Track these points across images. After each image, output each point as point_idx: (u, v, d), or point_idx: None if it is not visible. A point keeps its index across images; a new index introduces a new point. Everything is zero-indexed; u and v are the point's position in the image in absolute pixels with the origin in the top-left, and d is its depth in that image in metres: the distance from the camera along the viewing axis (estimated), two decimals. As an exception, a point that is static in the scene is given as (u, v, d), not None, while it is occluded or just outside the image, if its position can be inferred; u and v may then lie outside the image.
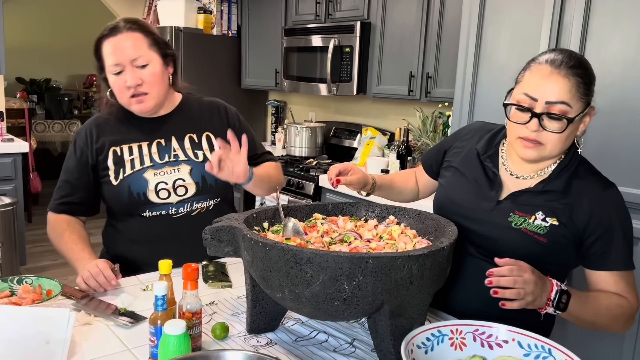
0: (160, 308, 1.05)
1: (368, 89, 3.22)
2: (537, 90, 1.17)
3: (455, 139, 1.47)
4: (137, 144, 1.60)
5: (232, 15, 4.23)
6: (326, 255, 0.99)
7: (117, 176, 1.57)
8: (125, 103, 1.56)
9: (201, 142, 1.65)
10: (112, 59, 1.51)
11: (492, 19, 2.26)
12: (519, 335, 1.05)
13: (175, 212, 1.60)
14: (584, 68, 1.19)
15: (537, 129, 1.18)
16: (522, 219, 1.25)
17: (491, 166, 1.33)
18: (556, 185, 1.25)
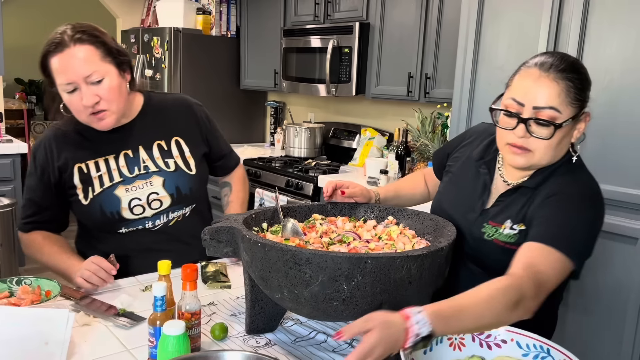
0: (160, 309, 1.05)
1: (367, 89, 3.22)
2: (524, 95, 1.12)
3: (459, 143, 1.42)
4: (104, 159, 1.51)
5: (231, 16, 4.23)
6: (325, 256, 0.99)
7: (86, 195, 1.49)
8: (84, 121, 1.45)
9: (170, 149, 1.57)
10: (63, 78, 1.37)
11: (491, 19, 2.27)
12: (518, 335, 1.05)
13: (153, 226, 1.55)
14: (576, 72, 1.13)
15: (524, 135, 1.13)
16: (493, 229, 1.21)
17: (486, 172, 1.29)
18: (530, 182, 1.19)
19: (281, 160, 3.59)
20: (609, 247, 1.99)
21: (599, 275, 2.03)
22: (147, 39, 4.12)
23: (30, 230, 1.56)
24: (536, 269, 1.04)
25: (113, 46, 1.44)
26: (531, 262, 1.05)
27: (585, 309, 2.08)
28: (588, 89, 1.15)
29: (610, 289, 2.00)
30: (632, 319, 1.95)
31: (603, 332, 2.04)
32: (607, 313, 2.02)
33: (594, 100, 1.86)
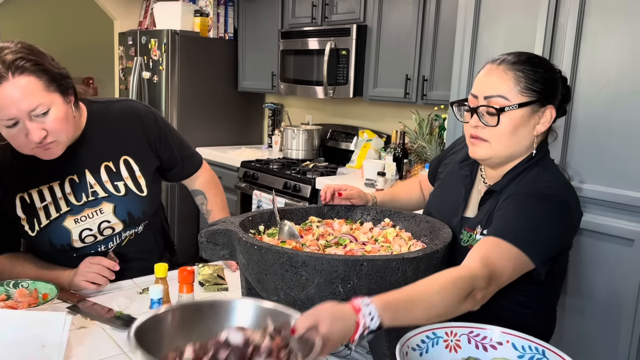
0: (156, 311, 1.05)
1: (364, 91, 3.23)
2: (477, 87, 1.16)
3: (450, 150, 1.45)
4: (48, 186, 1.38)
5: (228, 18, 4.24)
6: (321, 258, 1.00)
7: (32, 227, 1.39)
8: (28, 153, 1.29)
9: (119, 170, 1.46)
10: (3, 113, 1.20)
11: (487, 22, 2.27)
12: (513, 337, 1.06)
13: (105, 248, 1.48)
14: (529, 64, 1.14)
15: (477, 124, 1.15)
16: (468, 235, 1.21)
17: (467, 175, 1.29)
18: (497, 186, 1.20)
19: (279, 162, 3.59)
20: (606, 249, 2.00)
21: (596, 277, 2.03)
22: (144, 41, 4.13)
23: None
24: (490, 262, 1.03)
25: (55, 71, 1.28)
26: (485, 254, 1.05)
27: (582, 310, 2.09)
28: (549, 83, 1.15)
29: (607, 291, 2.01)
30: (629, 320, 1.95)
31: (599, 333, 2.04)
32: (604, 314, 2.03)
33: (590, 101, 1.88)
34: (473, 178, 1.29)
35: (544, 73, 1.15)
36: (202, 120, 4.13)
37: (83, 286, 1.36)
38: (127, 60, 4.41)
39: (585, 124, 2.02)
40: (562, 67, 2.05)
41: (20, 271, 1.41)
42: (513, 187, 1.17)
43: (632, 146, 1.90)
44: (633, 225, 1.93)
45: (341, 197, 1.40)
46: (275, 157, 3.78)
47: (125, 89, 4.45)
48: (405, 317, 0.92)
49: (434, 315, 0.97)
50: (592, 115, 2.00)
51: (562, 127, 2.07)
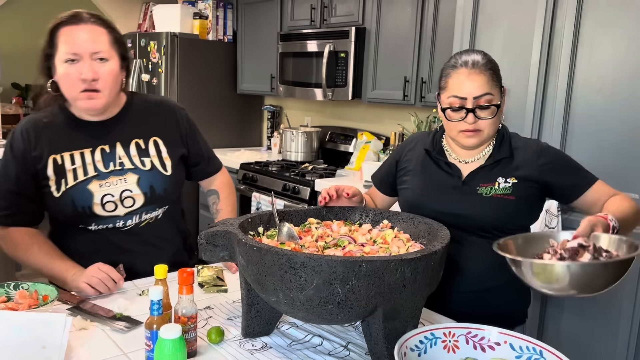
0: (156, 312, 1.05)
1: (363, 93, 3.23)
2: (462, 90, 1.38)
3: (402, 150, 1.61)
4: (79, 152, 1.48)
5: (227, 21, 4.25)
6: (320, 260, 1.00)
7: (58, 188, 1.45)
8: (72, 97, 1.42)
9: (148, 148, 1.55)
10: (70, 47, 1.37)
11: (485, 25, 2.29)
12: (511, 337, 1.07)
13: (123, 225, 1.51)
14: (491, 61, 1.40)
15: (474, 121, 1.38)
16: (488, 188, 1.43)
17: (443, 159, 1.50)
18: (502, 153, 1.45)
19: (278, 164, 3.60)
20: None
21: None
22: (143, 44, 4.13)
23: (9, 224, 1.49)
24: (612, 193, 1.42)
25: (122, 39, 1.50)
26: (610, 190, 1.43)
27: (580, 310, 2.09)
28: (499, 72, 1.43)
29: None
30: (626, 321, 1.96)
31: (597, 333, 2.05)
32: (602, 314, 2.04)
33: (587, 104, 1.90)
34: (446, 160, 1.51)
35: (497, 65, 1.42)
36: (201, 123, 4.07)
37: (82, 288, 1.37)
38: (127, 62, 4.41)
39: (582, 126, 2.03)
40: (560, 69, 2.07)
41: (35, 252, 1.46)
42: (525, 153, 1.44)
43: (629, 148, 1.91)
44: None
45: (349, 196, 1.45)
46: (274, 159, 3.79)
47: (125, 92, 4.45)
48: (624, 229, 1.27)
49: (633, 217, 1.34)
50: (589, 115, 2.01)
51: (560, 128, 2.08)
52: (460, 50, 1.48)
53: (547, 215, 1.99)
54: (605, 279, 1.05)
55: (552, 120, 2.11)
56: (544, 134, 2.13)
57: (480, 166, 1.46)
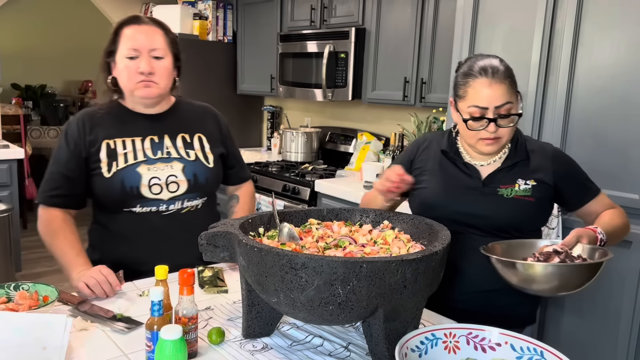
0: (157, 313, 1.05)
1: (363, 94, 3.23)
2: (484, 100, 1.38)
3: (416, 150, 1.62)
4: (131, 139, 1.61)
5: (227, 21, 4.25)
6: (321, 260, 1.00)
7: (109, 169, 1.57)
8: (131, 88, 1.58)
9: (193, 142, 1.68)
10: (131, 44, 1.55)
11: (485, 25, 2.29)
12: (512, 338, 1.07)
13: (166, 209, 1.61)
14: (508, 68, 1.41)
15: (495, 130, 1.40)
16: (509, 190, 1.46)
17: (460, 160, 1.52)
18: (519, 156, 1.48)
19: (278, 164, 3.60)
20: (603, 251, 2.00)
21: (594, 278, 2.04)
22: (143, 45, 4.13)
23: (53, 204, 1.59)
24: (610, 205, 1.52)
25: (177, 43, 1.66)
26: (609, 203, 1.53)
27: (580, 312, 2.09)
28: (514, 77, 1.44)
29: (605, 292, 2.02)
30: (627, 322, 1.96)
31: (598, 335, 2.05)
32: (602, 316, 2.04)
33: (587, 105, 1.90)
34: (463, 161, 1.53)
35: (512, 72, 1.43)
36: (201, 123, 4.13)
37: (80, 287, 1.39)
38: (126, 63, 4.41)
39: (582, 126, 2.03)
40: (560, 70, 2.07)
41: (60, 239, 1.55)
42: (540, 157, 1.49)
43: (629, 149, 1.91)
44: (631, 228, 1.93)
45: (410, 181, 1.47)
46: (274, 160, 3.79)
47: (124, 92, 4.45)
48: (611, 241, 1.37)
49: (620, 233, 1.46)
50: (589, 116, 2.02)
51: (559, 129, 2.08)
52: (474, 55, 1.48)
53: (547, 215, 1.99)
54: (573, 279, 1.24)
55: (552, 121, 2.11)
56: (544, 134, 2.13)
57: (498, 168, 1.48)
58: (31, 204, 5.53)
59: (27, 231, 4.89)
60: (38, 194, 1.62)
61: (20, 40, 6.78)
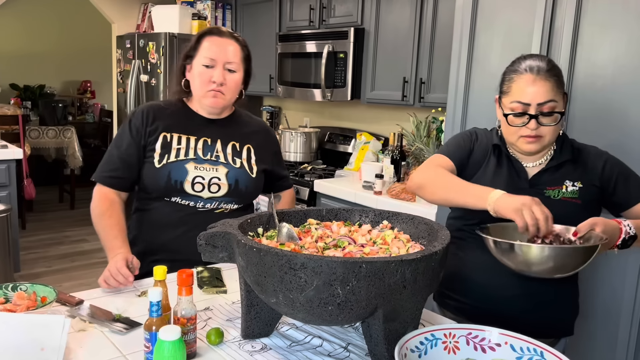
0: (155, 314, 1.05)
1: (362, 94, 3.23)
2: (526, 96, 1.38)
3: (472, 141, 1.57)
4: (186, 136, 1.71)
5: (226, 22, 4.25)
6: (320, 261, 1.00)
7: (160, 160, 1.66)
8: (200, 94, 1.68)
9: (242, 151, 1.76)
10: (211, 53, 1.66)
11: (484, 25, 2.28)
12: (512, 338, 1.06)
13: (202, 206, 1.69)
14: (555, 68, 1.41)
15: (536, 127, 1.38)
16: (556, 191, 1.44)
17: (510, 156, 1.50)
18: (565, 156, 1.47)
19: (277, 164, 3.59)
20: (603, 250, 2.00)
21: (594, 279, 2.04)
22: (142, 45, 4.13)
23: (108, 185, 1.68)
24: None
25: (250, 59, 1.80)
26: None
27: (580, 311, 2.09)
28: (564, 81, 1.44)
29: (605, 291, 2.02)
30: (626, 322, 1.96)
31: (597, 335, 2.05)
32: (602, 315, 2.04)
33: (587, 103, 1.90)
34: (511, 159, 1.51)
35: (561, 71, 1.42)
36: (200, 123, 4.12)
37: (99, 281, 1.48)
38: (125, 63, 4.41)
39: (581, 126, 2.03)
40: (559, 69, 2.07)
41: (105, 220, 1.63)
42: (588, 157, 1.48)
43: (629, 147, 1.91)
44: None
45: None
46: (273, 160, 3.78)
47: (123, 92, 4.45)
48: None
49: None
50: (589, 116, 2.01)
51: (559, 129, 2.08)
52: (524, 55, 1.47)
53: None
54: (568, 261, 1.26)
55: (551, 121, 2.10)
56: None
57: (544, 168, 1.47)
58: (30, 205, 5.53)
59: (25, 231, 4.89)
60: (95, 173, 1.71)
61: (19, 40, 6.77)
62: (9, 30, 6.65)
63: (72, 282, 3.91)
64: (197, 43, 1.70)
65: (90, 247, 4.68)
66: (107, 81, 6.07)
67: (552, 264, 1.25)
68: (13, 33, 6.70)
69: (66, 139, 5.88)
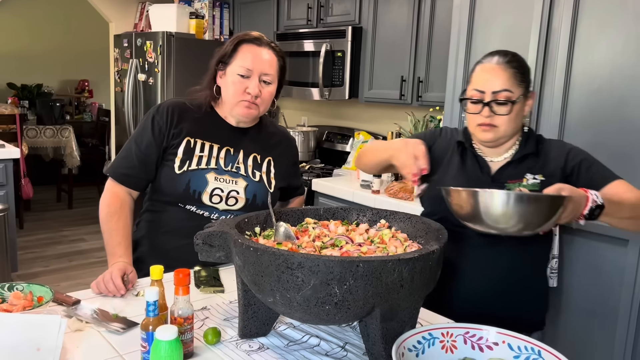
0: (152, 314, 1.05)
1: (360, 93, 3.23)
2: (483, 84, 1.43)
3: (434, 138, 1.62)
4: (210, 144, 1.66)
5: (224, 20, 4.24)
6: (317, 260, 1.00)
7: (181, 166, 1.62)
8: (233, 103, 1.63)
9: (262, 164, 1.71)
10: (247, 63, 1.60)
11: (482, 24, 2.28)
12: (509, 337, 1.06)
13: (216, 218, 1.64)
14: (518, 61, 1.44)
15: (489, 114, 1.42)
16: (516, 184, 1.46)
17: (474, 152, 1.53)
18: (529, 149, 1.48)
19: (275, 164, 3.58)
20: (601, 249, 2.00)
21: (591, 278, 2.04)
22: (140, 44, 4.12)
23: (121, 182, 1.63)
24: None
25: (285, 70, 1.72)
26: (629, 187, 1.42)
27: (578, 310, 2.09)
28: (529, 74, 1.47)
29: (602, 291, 2.02)
30: (624, 321, 1.96)
31: (595, 334, 2.05)
32: (599, 315, 2.04)
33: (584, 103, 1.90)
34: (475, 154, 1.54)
35: (526, 66, 1.47)
36: (198, 123, 4.11)
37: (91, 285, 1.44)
38: (123, 62, 4.40)
39: (579, 125, 2.03)
40: (557, 68, 2.06)
41: (113, 223, 1.58)
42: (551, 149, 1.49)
43: (626, 146, 1.91)
44: (628, 226, 1.93)
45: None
46: (271, 159, 3.78)
47: (121, 91, 4.44)
48: (614, 210, 1.31)
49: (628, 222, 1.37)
50: (586, 115, 2.01)
51: (556, 128, 2.08)
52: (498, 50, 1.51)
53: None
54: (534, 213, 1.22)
55: (548, 120, 2.10)
56: (541, 133, 2.12)
57: (508, 162, 1.49)
58: (27, 204, 5.52)
59: (23, 231, 4.87)
60: (110, 166, 1.66)
61: (17, 40, 6.75)
62: (6, 29, 6.63)
63: (70, 281, 3.90)
64: (234, 50, 1.63)
65: (88, 246, 4.67)
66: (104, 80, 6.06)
67: (517, 214, 1.21)
68: (10, 32, 6.68)
69: (64, 138, 5.87)
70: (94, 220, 5.35)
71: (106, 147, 6.04)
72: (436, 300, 1.42)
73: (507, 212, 1.22)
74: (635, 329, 1.95)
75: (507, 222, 1.23)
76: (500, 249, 1.46)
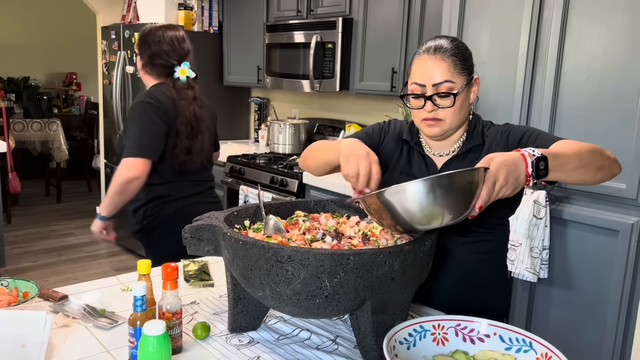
0: (140, 309, 1.03)
1: (351, 85, 3.21)
2: (423, 77, 1.33)
3: (384, 134, 1.53)
4: None
5: (213, 12, 4.19)
6: (307, 253, 0.98)
7: None
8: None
9: None
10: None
11: (473, 15, 2.27)
12: (501, 329, 1.06)
13: None
14: (457, 48, 1.34)
15: (432, 109, 1.33)
16: None
17: (420, 150, 1.46)
18: (475, 142, 1.40)
19: (265, 156, 3.57)
20: (591, 240, 2.01)
21: (581, 268, 2.04)
22: (127, 35, 4.07)
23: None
24: None
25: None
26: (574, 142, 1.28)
27: (568, 301, 2.10)
28: (470, 59, 1.37)
29: (592, 281, 2.03)
30: (614, 310, 1.97)
31: (585, 324, 2.06)
32: (590, 305, 2.04)
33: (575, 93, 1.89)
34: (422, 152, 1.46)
35: (466, 52, 1.37)
36: (188, 115, 4.08)
37: None
38: (111, 54, 4.35)
39: (570, 115, 2.03)
40: (548, 59, 2.06)
41: None
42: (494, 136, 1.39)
43: (617, 137, 1.91)
44: (618, 217, 1.94)
45: None
46: (261, 152, 3.76)
47: (109, 84, 4.39)
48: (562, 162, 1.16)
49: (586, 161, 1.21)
50: (577, 106, 2.01)
51: (547, 119, 2.08)
52: (436, 36, 1.42)
53: (535, 205, 1.99)
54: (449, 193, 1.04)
55: (540, 111, 2.10)
56: (532, 124, 2.12)
57: (453, 157, 1.41)
58: (15, 198, 5.46)
59: (10, 226, 4.82)
60: None
61: (3, 32, 6.65)
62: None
63: (59, 276, 3.86)
64: None
65: (77, 240, 4.63)
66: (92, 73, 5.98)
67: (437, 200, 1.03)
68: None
69: (51, 131, 5.80)
70: (83, 215, 5.31)
71: (95, 141, 5.98)
72: None
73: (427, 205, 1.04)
74: (625, 319, 1.96)
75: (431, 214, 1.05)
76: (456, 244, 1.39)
